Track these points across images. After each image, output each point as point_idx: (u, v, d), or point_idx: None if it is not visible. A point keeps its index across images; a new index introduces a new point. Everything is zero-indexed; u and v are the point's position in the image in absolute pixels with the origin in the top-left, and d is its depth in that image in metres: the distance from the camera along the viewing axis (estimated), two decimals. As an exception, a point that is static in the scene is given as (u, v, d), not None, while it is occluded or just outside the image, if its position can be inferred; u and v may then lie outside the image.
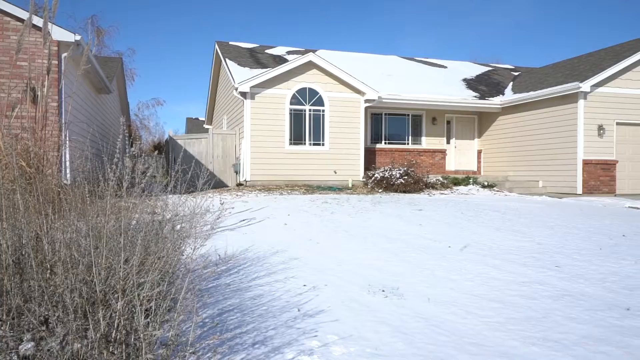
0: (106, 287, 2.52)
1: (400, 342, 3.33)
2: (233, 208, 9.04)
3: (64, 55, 8.90)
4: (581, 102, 13.38)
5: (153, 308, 2.50)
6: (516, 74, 19.73)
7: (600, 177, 13.58)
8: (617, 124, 13.74)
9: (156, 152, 22.88)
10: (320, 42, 72.86)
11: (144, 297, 2.46)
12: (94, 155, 4.98)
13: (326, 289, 4.49)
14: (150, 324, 2.42)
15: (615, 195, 13.59)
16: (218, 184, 14.15)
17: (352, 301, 4.18)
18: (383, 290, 4.50)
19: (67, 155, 7.92)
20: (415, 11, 69.13)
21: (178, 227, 3.82)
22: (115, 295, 2.44)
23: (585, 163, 13.41)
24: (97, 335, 2.36)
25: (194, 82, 69.67)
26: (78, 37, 8.89)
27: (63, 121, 8.10)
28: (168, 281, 2.79)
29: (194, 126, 33.97)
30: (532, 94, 14.99)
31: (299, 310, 3.87)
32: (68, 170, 7.88)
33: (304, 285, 4.58)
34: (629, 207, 11.49)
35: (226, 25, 67.57)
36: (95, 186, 3.23)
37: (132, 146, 3.09)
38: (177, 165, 4.15)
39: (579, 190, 13.39)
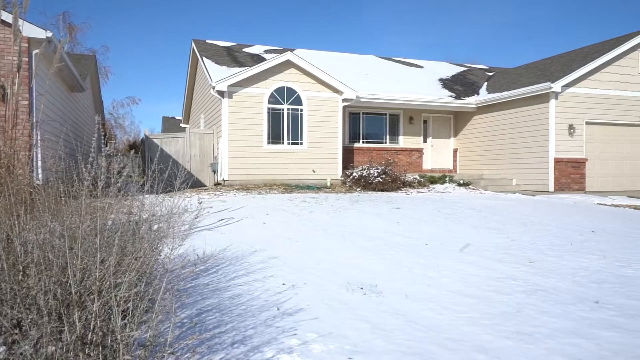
0: (82, 289, 2.48)
1: (379, 338, 3.37)
2: (211, 207, 8.96)
3: (35, 52, 8.67)
4: (552, 102, 13.74)
5: (130, 309, 2.47)
6: (490, 74, 20.12)
7: (570, 175, 13.98)
8: (587, 123, 14.16)
9: (132, 151, 22.47)
10: (298, 42, 72.81)
11: (120, 298, 2.43)
12: (67, 155, 4.87)
13: (305, 288, 4.51)
14: (128, 325, 2.39)
15: (585, 193, 14.01)
16: (196, 184, 14.00)
17: (332, 299, 4.20)
18: (362, 288, 4.55)
19: (39, 155, 7.71)
20: (391, 11, 69.71)
21: (155, 227, 3.77)
22: (91, 297, 2.40)
23: (557, 161, 13.78)
24: (73, 337, 2.32)
25: (170, 81, 68.69)
26: (50, 34, 8.67)
27: (34, 120, 7.88)
28: (145, 282, 2.76)
29: (171, 125, 33.47)
30: (505, 94, 15.31)
31: (278, 309, 3.88)
32: (40, 170, 7.68)
33: (283, 284, 4.58)
34: (597, 203, 11.87)
35: (203, 23, 66.85)
36: (70, 186, 3.17)
37: (106, 145, 3.04)
38: (154, 165, 4.11)
39: (551, 188, 13.76)
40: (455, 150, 17.98)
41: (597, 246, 6.75)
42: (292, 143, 14.04)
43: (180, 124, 23.34)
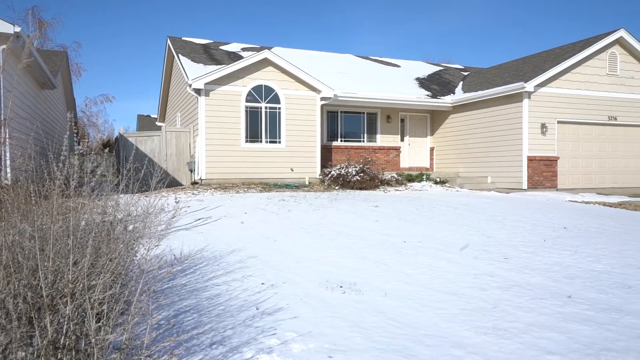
0: (54, 291, 2.40)
1: (359, 336, 3.38)
2: (188, 207, 8.84)
3: (2, 47, 8.37)
4: (525, 101, 14.05)
5: (105, 311, 2.41)
6: (466, 73, 20.43)
7: (543, 172, 14.32)
8: (558, 122, 14.53)
9: (106, 150, 21.96)
10: (276, 40, 72.50)
11: (95, 300, 2.36)
12: (37, 154, 4.72)
13: (284, 287, 4.48)
14: (102, 328, 2.33)
15: (557, 190, 14.38)
16: (172, 183, 13.78)
17: (311, 298, 4.19)
18: (341, 286, 4.55)
19: (8, 154, 7.46)
20: (369, 9, 70.04)
21: (131, 227, 3.69)
22: (64, 300, 2.33)
23: (530, 159, 14.10)
24: (44, 342, 2.24)
25: (145, 78, 67.25)
26: (18, 29, 8.39)
27: (2, 117, 7.62)
28: (121, 283, 2.69)
29: (146, 124, 32.84)
30: (480, 93, 15.58)
31: (257, 308, 3.85)
32: (9, 170, 7.43)
33: (262, 284, 4.55)
34: (569, 201, 12.20)
35: (179, 20, 65.79)
36: (41, 185, 3.07)
37: (79, 144, 2.94)
38: (129, 164, 4.02)
39: (525, 186, 14.07)
40: (432, 149, 18.19)
41: (569, 242, 6.94)
42: (270, 142, 13.96)
43: (156, 123, 22.93)
